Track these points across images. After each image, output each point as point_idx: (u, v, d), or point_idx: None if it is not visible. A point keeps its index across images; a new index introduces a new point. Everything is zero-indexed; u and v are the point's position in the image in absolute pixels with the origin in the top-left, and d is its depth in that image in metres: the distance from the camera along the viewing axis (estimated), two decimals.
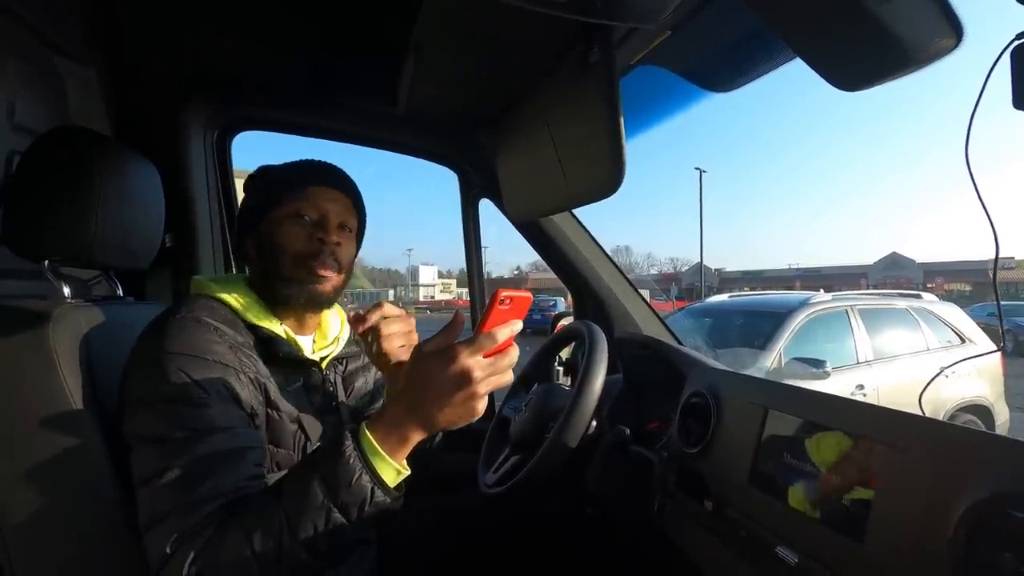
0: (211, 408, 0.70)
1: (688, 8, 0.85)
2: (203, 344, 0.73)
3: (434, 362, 0.63)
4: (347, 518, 0.63)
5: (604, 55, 0.88)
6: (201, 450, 0.67)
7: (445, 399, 0.63)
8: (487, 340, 0.62)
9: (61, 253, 0.85)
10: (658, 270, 65.35)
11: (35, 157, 0.83)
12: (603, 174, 0.92)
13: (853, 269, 43.17)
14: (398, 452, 0.66)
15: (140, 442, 0.69)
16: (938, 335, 4.31)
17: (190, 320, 0.75)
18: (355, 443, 0.64)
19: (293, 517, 0.62)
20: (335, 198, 0.88)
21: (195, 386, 0.70)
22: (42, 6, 1.02)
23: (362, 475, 0.63)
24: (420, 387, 0.64)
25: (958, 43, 0.61)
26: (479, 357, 0.62)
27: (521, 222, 1.54)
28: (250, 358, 0.79)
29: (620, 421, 1.16)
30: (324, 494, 0.62)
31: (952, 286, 32.91)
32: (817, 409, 0.74)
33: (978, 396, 4.12)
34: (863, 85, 0.67)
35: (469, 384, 0.62)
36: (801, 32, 0.68)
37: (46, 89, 1.11)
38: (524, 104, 1.16)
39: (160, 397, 0.69)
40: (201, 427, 0.68)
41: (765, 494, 0.76)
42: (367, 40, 1.25)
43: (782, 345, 3.71)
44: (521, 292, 0.64)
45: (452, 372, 0.62)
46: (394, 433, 0.65)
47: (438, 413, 0.63)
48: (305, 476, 0.64)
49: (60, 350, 0.76)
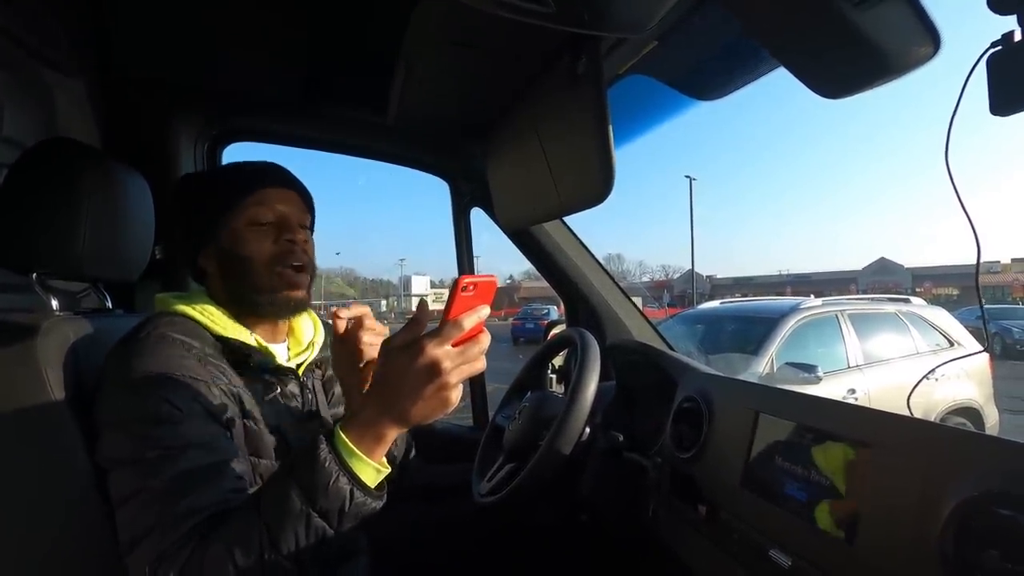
0: (184, 424, 0.68)
1: (674, 18, 0.86)
2: (171, 360, 0.72)
3: (402, 356, 0.61)
4: (328, 524, 0.62)
5: (592, 65, 0.89)
6: (177, 468, 0.66)
7: (416, 392, 0.61)
8: (453, 329, 0.61)
9: (49, 266, 0.84)
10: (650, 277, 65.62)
11: (23, 169, 0.83)
12: (593, 182, 0.93)
13: (842, 275, 43.60)
14: (375, 451, 0.65)
15: (115, 465, 0.68)
16: (927, 339, 4.36)
17: (155, 337, 0.74)
18: (330, 446, 0.63)
19: (273, 527, 0.61)
20: (289, 198, 0.87)
21: (166, 404, 0.68)
22: (29, 18, 1.02)
23: (339, 477, 0.62)
24: (391, 382, 0.62)
25: (936, 51, 0.63)
26: (447, 347, 0.61)
27: (513, 230, 1.54)
28: (221, 370, 0.77)
29: (613, 427, 1.16)
30: (302, 501, 0.61)
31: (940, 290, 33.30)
32: (807, 412, 0.75)
33: (968, 399, 4.17)
34: (845, 93, 0.69)
35: (439, 375, 0.60)
36: (784, 42, 0.70)
37: (33, 101, 1.11)
38: (513, 113, 1.17)
39: (132, 418, 0.68)
40: (175, 444, 0.67)
41: (757, 497, 0.76)
42: (357, 50, 1.26)
43: (774, 350, 3.73)
44: (484, 277, 0.62)
45: (420, 364, 0.60)
46: (369, 432, 0.64)
47: (411, 407, 0.62)
48: (281, 484, 0.63)
49: (48, 363, 0.75)
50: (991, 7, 0.48)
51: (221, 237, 0.84)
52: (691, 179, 28.70)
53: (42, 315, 0.82)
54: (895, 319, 4.39)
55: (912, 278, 38.11)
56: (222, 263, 0.85)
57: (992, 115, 0.55)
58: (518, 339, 17.31)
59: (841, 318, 4.11)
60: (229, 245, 0.83)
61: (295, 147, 1.53)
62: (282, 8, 1.13)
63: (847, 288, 37.95)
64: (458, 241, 1.70)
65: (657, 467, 1.05)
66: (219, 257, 0.85)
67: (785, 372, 3.47)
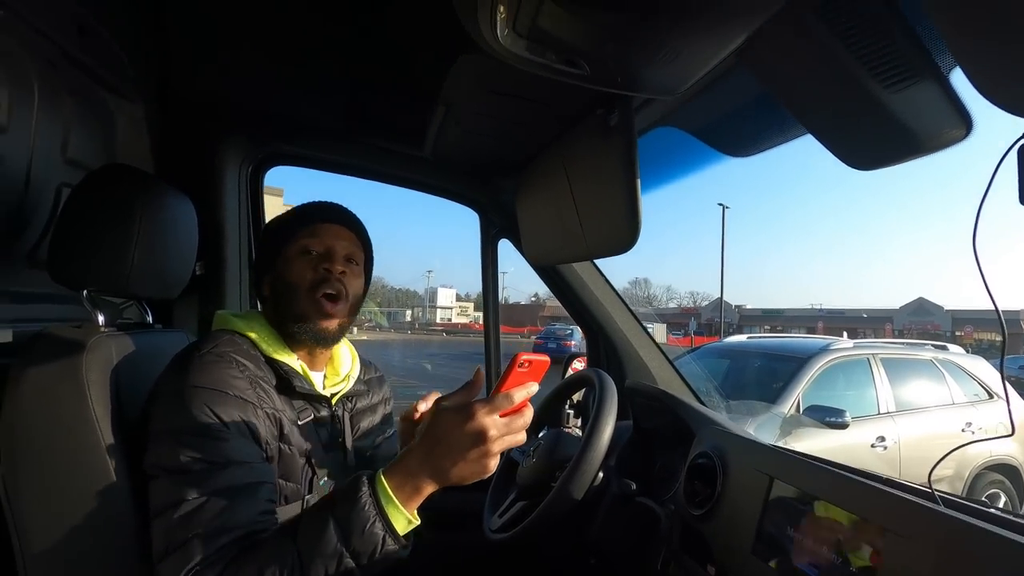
0: (229, 442, 0.72)
1: (709, 79, 0.88)
2: (225, 379, 0.76)
3: (453, 418, 0.66)
4: (358, 564, 0.65)
5: (623, 119, 0.91)
6: (217, 483, 0.69)
7: (460, 455, 0.66)
8: (504, 400, 0.66)
9: (99, 284, 0.89)
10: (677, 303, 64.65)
11: (83, 193, 0.88)
12: (619, 231, 0.95)
13: (878, 312, 42.19)
14: (411, 502, 0.68)
15: (159, 473, 0.72)
16: (964, 388, 4.18)
17: (213, 355, 0.78)
18: (371, 489, 0.67)
19: (306, 558, 0.64)
20: (341, 233, 0.92)
21: (216, 420, 0.72)
22: (97, 46, 1.10)
23: (375, 522, 0.65)
24: (437, 441, 0.67)
25: (967, 133, 0.63)
26: (495, 416, 0.66)
27: (538, 265, 1.56)
28: (267, 392, 0.81)
29: (628, 470, 1.16)
30: (339, 539, 0.65)
31: (982, 335, 31.91)
32: (823, 485, 0.73)
33: (1006, 455, 3.97)
34: (874, 166, 0.69)
35: (484, 442, 0.65)
36: (814, 115, 0.71)
37: (97, 125, 1.18)
38: (546, 154, 1.20)
39: (182, 430, 0.72)
40: (219, 460, 0.71)
41: (767, 566, 0.75)
42: (398, 87, 1.31)
43: (801, 391, 3.63)
44: (539, 356, 0.68)
45: (469, 429, 0.65)
46: (409, 483, 0.68)
47: (452, 467, 0.66)
48: (321, 519, 0.66)
49: (91, 379, 0.79)
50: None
51: (277, 264, 0.90)
52: (724, 207, 28.21)
53: (89, 331, 0.86)
54: (930, 366, 4.23)
55: (952, 320, 36.66)
56: (274, 288, 0.91)
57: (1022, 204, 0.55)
58: None
59: (873, 362, 3.98)
60: (281, 271, 0.90)
61: (332, 172, 1.58)
62: (331, 39, 1.19)
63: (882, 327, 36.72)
64: (484, 270, 1.72)
65: (670, 515, 1.04)
66: (273, 283, 0.91)
67: (812, 414, 3.37)
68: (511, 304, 56.02)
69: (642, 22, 0.63)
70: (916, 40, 0.59)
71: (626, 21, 0.64)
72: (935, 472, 0.72)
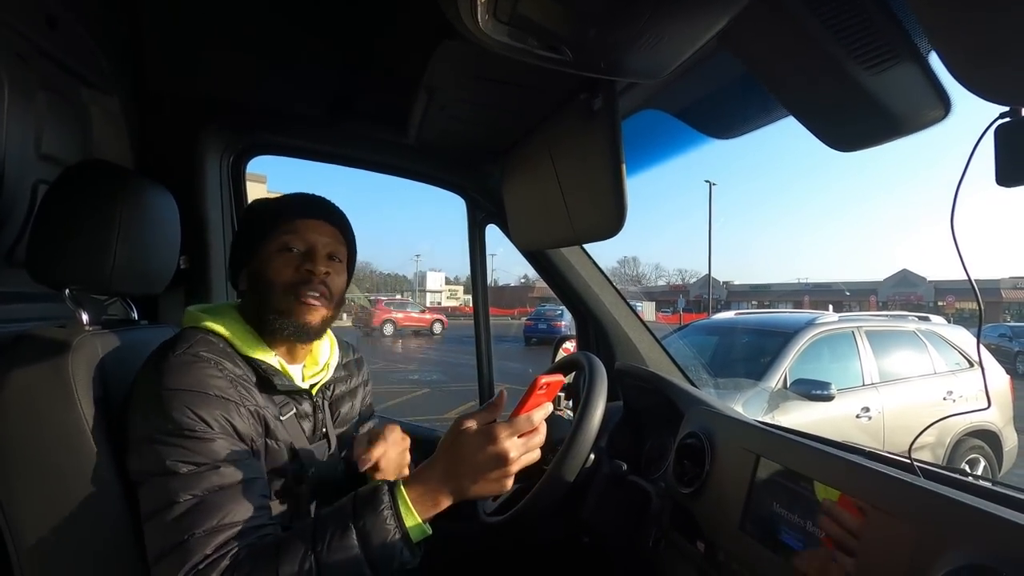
0: (214, 442, 0.72)
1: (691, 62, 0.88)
2: (203, 379, 0.75)
3: (476, 439, 0.69)
4: (373, 571, 0.67)
5: (607, 103, 0.91)
6: (207, 484, 0.69)
7: (482, 474, 0.69)
8: (525, 423, 0.70)
9: (81, 282, 0.88)
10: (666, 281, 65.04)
11: (60, 190, 0.86)
12: (606, 216, 0.95)
13: (863, 285, 42.76)
14: (427, 514, 0.71)
15: (147, 478, 0.71)
16: (945, 358, 4.28)
17: (189, 355, 0.77)
18: (391, 500, 0.69)
19: (323, 562, 0.65)
20: (323, 230, 0.90)
21: (198, 421, 0.72)
22: (70, 39, 1.06)
23: (395, 533, 0.67)
24: (461, 459, 0.70)
25: (946, 114, 0.64)
26: (516, 439, 0.69)
27: (526, 250, 1.57)
28: (248, 390, 0.80)
29: (619, 448, 1.17)
30: (360, 547, 0.66)
31: (963, 305, 32.50)
32: (807, 462, 0.75)
33: (986, 421, 4.08)
34: (854, 147, 0.70)
35: (505, 464, 0.69)
36: (795, 97, 0.71)
37: (71, 119, 1.15)
38: (531, 139, 1.20)
39: (164, 433, 0.71)
40: (206, 461, 0.70)
41: (755, 541, 0.78)
42: (382, 73, 1.29)
43: (787, 365, 3.70)
44: (555, 377, 0.73)
45: (492, 451, 0.68)
46: (429, 497, 0.70)
47: (471, 485, 0.70)
48: (341, 526, 0.68)
49: (77, 379, 0.78)
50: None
51: (255, 259, 0.88)
52: (711, 184, 28.23)
53: (73, 330, 0.85)
54: (913, 337, 4.32)
55: (935, 291, 37.27)
56: (252, 283, 0.89)
57: (998, 185, 0.56)
58: (530, 339, 17.25)
59: (858, 335, 4.06)
60: (259, 267, 0.87)
61: (316, 161, 1.56)
62: (312, 27, 1.17)
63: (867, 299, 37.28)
64: (472, 256, 1.72)
65: (660, 493, 1.06)
66: (251, 277, 0.89)
67: (798, 388, 3.44)
68: (500, 287, 56.03)
69: (624, 7, 0.63)
70: (895, 22, 0.59)
71: (608, 6, 0.63)
72: (917, 440, 0.74)
